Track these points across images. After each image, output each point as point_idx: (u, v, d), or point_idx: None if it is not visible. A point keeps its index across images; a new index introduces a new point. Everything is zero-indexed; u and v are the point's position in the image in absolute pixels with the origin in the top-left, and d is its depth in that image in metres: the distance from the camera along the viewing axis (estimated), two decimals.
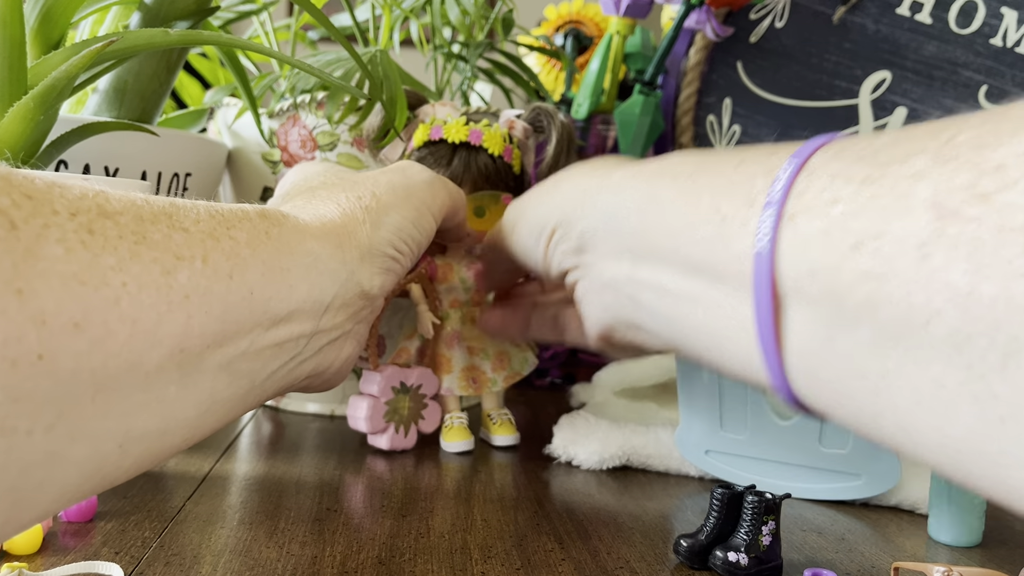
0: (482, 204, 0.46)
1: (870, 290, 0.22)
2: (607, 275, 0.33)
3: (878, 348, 0.22)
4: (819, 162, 0.25)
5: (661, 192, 0.30)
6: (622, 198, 0.32)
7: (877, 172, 0.23)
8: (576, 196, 0.35)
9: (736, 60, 0.66)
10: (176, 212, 0.25)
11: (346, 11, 0.54)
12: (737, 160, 0.28)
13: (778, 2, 0.65)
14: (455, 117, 0.46)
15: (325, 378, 0.34)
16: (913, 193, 0.21)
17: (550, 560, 0.32)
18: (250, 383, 0.28)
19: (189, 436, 0.26)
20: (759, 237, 0.25)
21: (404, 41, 0.58)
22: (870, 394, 0.23)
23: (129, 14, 0.48)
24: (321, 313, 0.31)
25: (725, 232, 0.27)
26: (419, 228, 0.38)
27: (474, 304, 0.48)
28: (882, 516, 0.39)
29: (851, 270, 0.22)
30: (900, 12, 0.62)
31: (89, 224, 0.22)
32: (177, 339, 0.23)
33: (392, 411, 0.45)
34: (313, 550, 0.32)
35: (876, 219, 0.22)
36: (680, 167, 0.31)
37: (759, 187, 0.26)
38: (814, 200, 0.24)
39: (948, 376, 0.21)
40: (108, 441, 0.22)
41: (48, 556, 0.30)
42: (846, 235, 0.23)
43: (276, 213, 0.31)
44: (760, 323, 0.25)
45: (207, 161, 0.52)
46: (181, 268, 0.24)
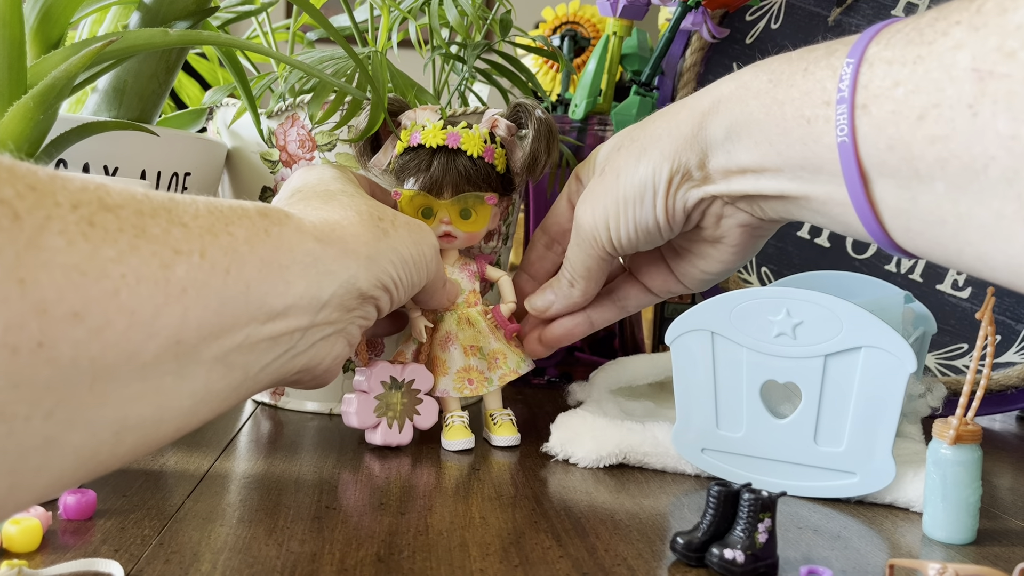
0: (466, 206, 0.46)
1: (938, 150, 0.27)
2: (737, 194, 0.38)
3: (951, 197, 0.27)
4: (874, 52, 0.30)
5: (753, 112, 0.35)
6: (725, 124, 0.36)
7: (925, 50, 0.27)
8: (679, 137, 0.38)
9: (732, 61, 0.67)
10: (176, 207, 0.26)
11: (345, 12, 0.54)
12: (802, 67, 0.33)
13: (774, 3, 0.65)
14: (434, 121, 0.46)
15: (315, 374, 0.34)
16: (956, 62, 0.26)
17: (548, 557, 0.32)
18: (244, 375, 0.28)
19: (183, 425, 0.26)
20: (839, 129, 0.30)
21: (402, 42, 0.58)
22: (951, 235, 0.28)
23: (128, 14, 0.48)
24: (318, 309, 0.32)
25: (813, 132, 0.32)
26: (416, 273, 0.39)
27: (468, 305, 0.48)
28: (877, 514, 0.39)
29: (921, 138, 0.27)
30: (895, 14, 0.62)
31: (90, 216, 0.22)
32: (174, 331, 0.24)
33: (383, 406, 0.45)
34: (312, 547, 0.32)
35: (932, 91, 0.27)
36: (755, 82, 0.35)
37: (830, 88, 0.31)
38: (878, 88, 0.29)
39: (1006, 207, 0.26)
40: (105, 429, 0.23)
41: (48, 554, 0.30)
42: (911, 110, 0.27)
43: (278, 212, 0.31)
44: (855, 200, 0.31)
45: (206, 161, 0.52)
46: (179, 262, 0.24)
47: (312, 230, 0.33)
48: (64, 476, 0.22)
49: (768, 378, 0.40)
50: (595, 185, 0.42)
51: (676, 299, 0.70)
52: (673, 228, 0.40)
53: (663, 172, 0.38)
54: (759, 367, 0.40)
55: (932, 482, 0.36)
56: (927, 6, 0.61)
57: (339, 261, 0.33)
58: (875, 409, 0.38)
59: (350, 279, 0.33)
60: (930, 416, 0.51)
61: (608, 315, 0.48)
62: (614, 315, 0.48)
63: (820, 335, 0.39)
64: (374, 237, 0.36)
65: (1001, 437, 0.58)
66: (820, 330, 0.39)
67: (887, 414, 0.38)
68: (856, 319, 0.38)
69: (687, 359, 0.42)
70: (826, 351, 0.39)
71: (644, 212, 0.40)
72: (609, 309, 0.48)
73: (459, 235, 0.47)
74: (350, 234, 0.35)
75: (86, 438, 0.22)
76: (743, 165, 0.36)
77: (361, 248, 0.35)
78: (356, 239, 0.35)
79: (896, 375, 0.37)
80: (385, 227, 0.37)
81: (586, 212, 0.42)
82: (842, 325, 0.38)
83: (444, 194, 0.46)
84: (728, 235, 0.41)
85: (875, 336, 0.37)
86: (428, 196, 0.46)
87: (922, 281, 0.62)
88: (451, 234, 0.47)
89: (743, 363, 0.41)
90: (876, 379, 0.38)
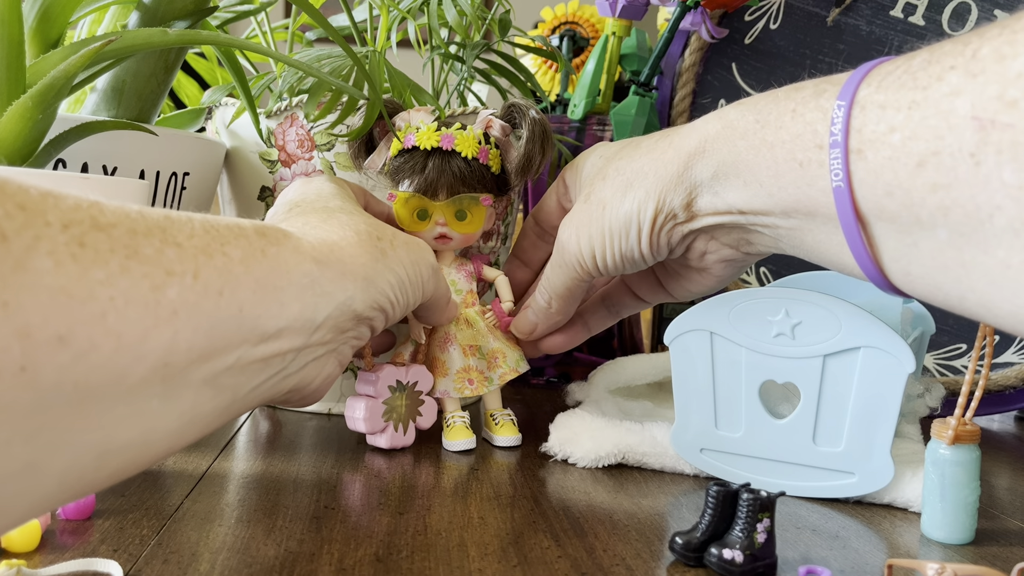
0: (462, 207, 0.46)
1: (940, 198, 0.26)
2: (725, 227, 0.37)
3: (954, 244, 0.27)
4: (866, 95, 0.29)
5: (742, 154, 0.34)
6: (712, 165, 0.36)
7: (920, 95, 0.27)
8: (664, 178, 0.38)
9: (731, 61, 0.67)
10: (171, 226, 0.25)
11: (344, 12, 0.54)
12: (790, 107, 0.32)
13: (772, 4, 0.66)
14: (428, 123, 0.46)
15: (305, 394, 0.34)
16: (954, 110, 0.26)
17: (547, 557, 0.32)
18: (233, 396, 0.28)
19: (169, 447, 0.26)
20: (833, 174, 0.30)
21: (401, 42, 0.58)
22: (954, 281, 0.28)
23: (127, 14, 0.48)
24: (312, 331, 0.31)
25: (806, 176, 0.31)
26: (412, 293, 0.39)
27: (466, 305, 0.48)
28: (876, 514, 0.39)
29: (921, 185, 0.27)
30: (894, 14, 0.63)
31: (81, 237, 0.22)
32: (162, 354, 0.23)
33: (390, 410, 0.45)
34: (311, 547, 0.32)
35: (931, 138, 0.26)
36: (742, 122, 0.35)
37: (821, 131, 0.30)
38: (872, 133, 0.28)
39: (1012, 257, 0.25)
40: (88, 453, 0.22)
41: (46, 554, 0.30)
42: (909, 157, 0.27)
43: (276, 232, 0.31)
44: (852, 243, 0.30)
45: (205, 160, 0.52)
46: (171, 284, 0.24)
47: (310, 251, 0.32)
48: (46, 500, 0.22)
49: (767, 378, 0.40)
50: (580, 211, 0.42)
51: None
52: (657, 258, 0.41)
53: (648, 210, 0.38)
54: (758, 367, 0.40)
55: (930, 482, 0.36)
56: (925, 8, 0.61)
57: (336, 283, 0.33)
58: (874, 409, 0.38)
59: (346, 301, 0.33)
60: (929, 416, 0.51)
61: (604, 321, 0.50)
62: (610, 320, 0.50)
63: (819, 335, 0.39)
64: (372, 258, 0.35)
65: (999, 437, 0.58)
66: (819, 330, 0.39)
67: (886, 414, 0.38)
68: (855, 319, 0.38)
69: (686, 359, 0.42)
70: (825, 351, 0.39)
71: (629, 245, 0.40)
72: (604, 315, 0.49)
73: (455, 236, 0.47)
74: (348, 255, 0.34)
75: (69, 462, 0.22)
76: (732, 205, 0.36)
77: (359, 270, 0.34)
78: (354, 260, 0.34)
79: (895, 375, 0.37)
80: (384, 247, 0.37)
81: (571, 237, 0.42)
82: (841, 325, 0.38)
83: (439, 196, 0.46)
84: (711, 268, 0.41)
85: (874, 336, 0.37)
86: (423, 198, 0.46)
87: None
88: (447, 235, 0.47)
89: (742, 363, 0.41)
90: (875, 379, 0.38)
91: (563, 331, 0.49)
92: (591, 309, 0.49)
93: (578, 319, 0.49)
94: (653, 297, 0.47)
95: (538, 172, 0.47)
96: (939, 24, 0.61)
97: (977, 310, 0.28)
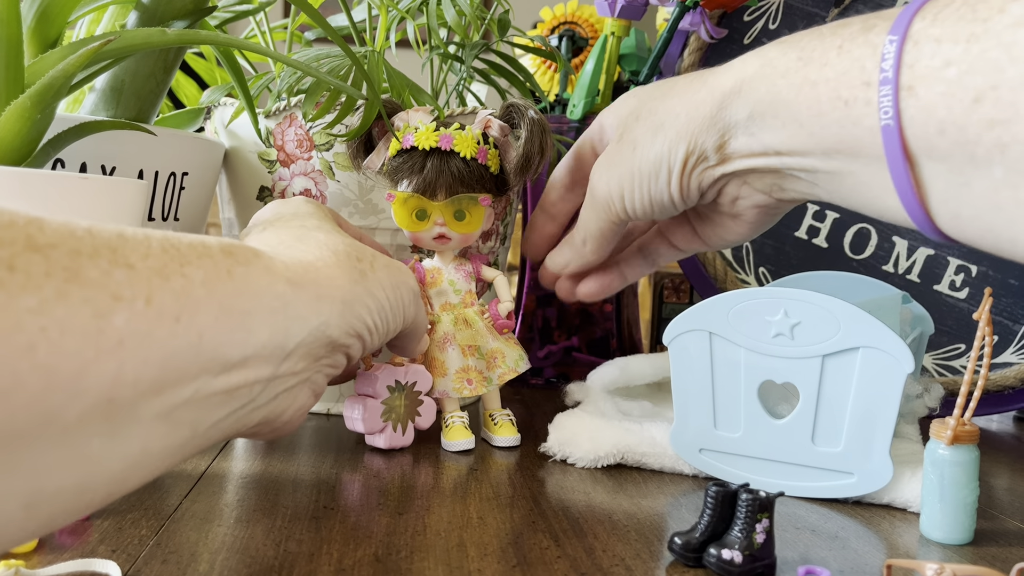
0: (460, 207, 0.46)
1: (997, 135, 0.25)
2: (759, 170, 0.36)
3: (1011, 182, 0.26)
4: (920, 29, 0.28)
5: (781, 92, 0.33)
6: (748, 105, 0.35)
7: (980, 28, 0.26)
8: (696, 119, 0.36)
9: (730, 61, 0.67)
10: (123, 245, 0.23)
11: (343, 12, 0.54)
12: (836, 44, 0.31)
13: (772, 4, 0.66)
14: (427, 123, 0.46)
15: (275, 426, 0.31)
16: (1017, 41, 0.25)
17: (546, 557, 0.32)
18: (191, 432, 0.25)
19: (113, 491, 0.24)
20: (883, 112, 0.28)
21: (400, 42, 0.58)
22: (1007, 222, 0.27)
23: (126, 13, 0.48)
24: (282, 359, 0.29)
25: (851, 115, 0.30)
26: (393, 319, 0.36)
27: (465, 306, 0.48)
28: (875, 514, 0.39)
29: (977, 121, 0.26)
30: None
31: (11, 259, 0.19)
32: (105, 389, 0.21)
33: (388, 410, 0.45)
34: (310, 547, 0.32)
35: (990, 72, 0.25)
36: (783, 60, 0.33)
37: (869, 68, 0.29)
38: (927, 68, 0.27)
39: None
40: (11, 501, 0.20)
41: (45, 554, 0.30)
42: (966, 92, 0.26)
43: (245, 251, 0.29)
44: (899, 185, 0.29)
45: (204, 160, 0.52)
46: (118, 310, 0.22)
47: (283, 271, 0.30)
48: None
49: (766, 378, 0.40)
50: (612, 152, 0.41)
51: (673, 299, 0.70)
52: (687, 203, 0.40)
53: (679, 152, 0.37)
54: (757, 367, 0.40)
55: (929, 482, 0.36)
56: None
57: (311, 306, 0.30)
58: (873, 409, 0.38)
59: (321, 326, 0.31)
60: (928, 416, 0.51)
61: (641, 270, 0.49)
62: (646, 269, 0.49)
63: (818, 335, 0.39)
64: (351, 280, 0.33)
65: (998, 437, 0.58)
66: (818, 330, 0.39)
67: (885, 414, 0.38)
68: (854, 319, 0.38)
69: (685, 359, 0.42)
70: (824, 351, 0.39)
71: (659, 188, 0.39)
72: (641, 264, 0.49)
73: (454, 236, 0.47)
74: (325, 276, 0.32)
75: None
76: (768, 146, 0.35)
77: (336, 292, 0.32)
78: (331, 282, 0.32)
79: (894, 375, 0.37)
80: (363, 269, 0.34)
81: (601, 179, 0.41)
82: (840, 325, 0.38)
83: (438, 196, 0.46)
84: (744, 214, 0.40)
85: (873, 336, 0.37)
86: (422, 198, 0.46)
87: (919, 281, 0.62)
88: (445, 236, 0.47)
89: (741, 363, 0.41)
90: (874, 379, 0.38)
91: (599, 277, 0.48)
92: (627, 258, 0.49)
93: (614, 267, 0.48)
94: (689, 246, 0.46)
95: (537, 172, 0.47)
96: None
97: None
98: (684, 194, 0.39)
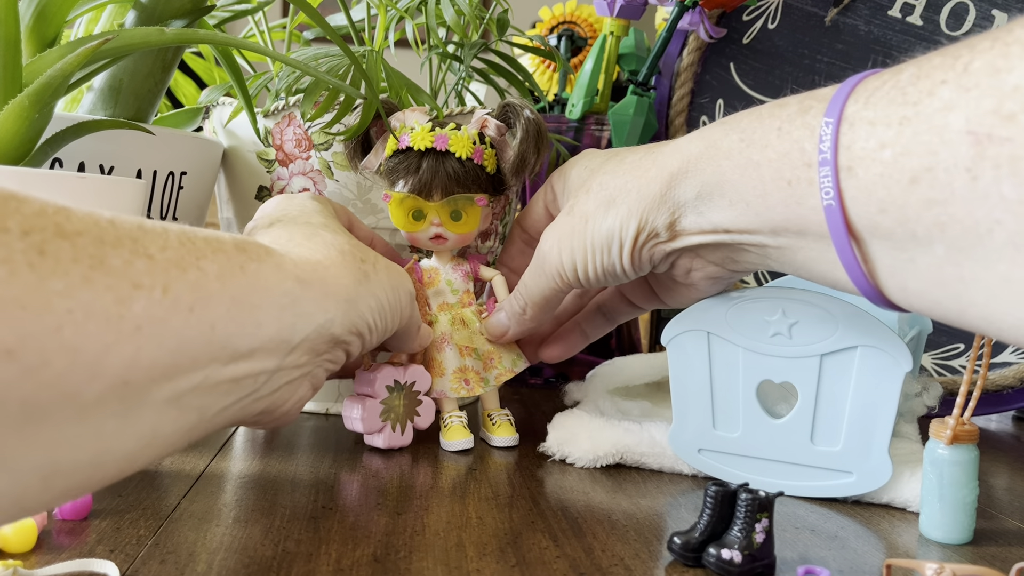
0: (457, 207, 0.46)
1: (936, 214, 0.26)
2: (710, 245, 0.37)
3: (953, 259, 0.27)
4: (854, 112, 0.29)
5: (726, 173, 0.34)
6: (696, 185, 0.35)
7: (911, 111, 0.27)
8: (647, 196, 0.37)
9: (729, 61, 0.67)
10: (143, 236, 0.24)
11: (341, 11, 0.54)
12: (775, 125, 0.32)
13: (771, 3, 0.66)
14: (423, 123, 0.46)
15: (275, 416, 0.33)
16: (948, 125, 0.25)
17: (545, 557, 0.32)
18: (199, 417, 0.27)
19: (124, 468, 0.25)
20: (824, 192, 0.29)
21: (399, 41, 0.58)
22: (953, 296, 0.27)
23: (124, 12, 0.47)
24: (287, 353, 0.30)
25: (795, 194, 0.31)
26: (391, 319, 0.38)
27: (462, 305, 0.48)
28: (874, 514, 0.39)
29: (916, 201, 0.27)
30: (892, 14, 0.63)
31: (42, 244, 0.21)
32: (122, 371, 0.22)
33: (387, 410, 0.45)
34: (308, 548, 0.32)
35: (924, 154, 0.26)
36: (725, 141, 0.34)
37: (809, 149, 0.30)
38: (863, 150, 0.28)
39: (1014, 272, 0.25)
40: (31, 474, 0.21)
41: (43, 554, 0.30)
42: (903, 173, 0.27)
43: (257, 248, 0.30)
44: (845, 261, 0.30)
45: (202, 160, 0.52)
46: (137, 298, 0.23)
47: (293, 269, 0.31)
48: None
49: (764, 378, 0.40)
50: (563, 223, 0.41)
51: None
52: (640, 273, 0.40)
53: (630, 228, 0.38)
54: (755, 367, 0.40)
55: (929, 482, 0.36)
56: (923, 8, 0.61)
57: (317, 304, 0.32)
58: (871, 409, 0.38)
59: (326, 323, 0.32)
60: (926, 416, 0.52)
61: (601, 328, 0.49)
62: (607, 327, 0.50)
63: (816, 335, 0.39)
64: (355, 280, 0.34)
65: (997, 437, 0.58)
66: (816, 330, 0.39)
67: (883, 414, 0.38)
68: (852, 318, 0.38)
69: (683, 359, 0.42)
70: (822, 351, 0.39)
71: (611, 260, 0.39)
72: (601, 323, 0.49)
73: (450, 237, 0.47)
74: (331, 275, 0.33)
75: (8, 484, 0.21)
76: (717, 225, 0.35)
77: (341, 291, 0.33)
78: (337, 281, 0.33)
79: (892, 374, 0.37)
80: (367, 270, 0.36)
81: (553, 248, 0.42)
82: (838, 325, 0.38)
83: (434, 196, 0.46)
84: (698, 284, 0.40)
85: (871, 335, 0.37)
86: (418, 198, 0.46)
87: None
88: (442, 236, 0.47)
89: (739, 363, 0.41)
90: (872, 378, 0.38)
91: (561, 341, 0.49)
92: (587, 317, 0.49)
93: (575, 328, 0.49)
94: (648, 304, 0.47)
95: (533, 172, 0.47)
96: (937, 24, 0.61)
97: (979, 323, 0.27)
98: (636, 266, 0.39)
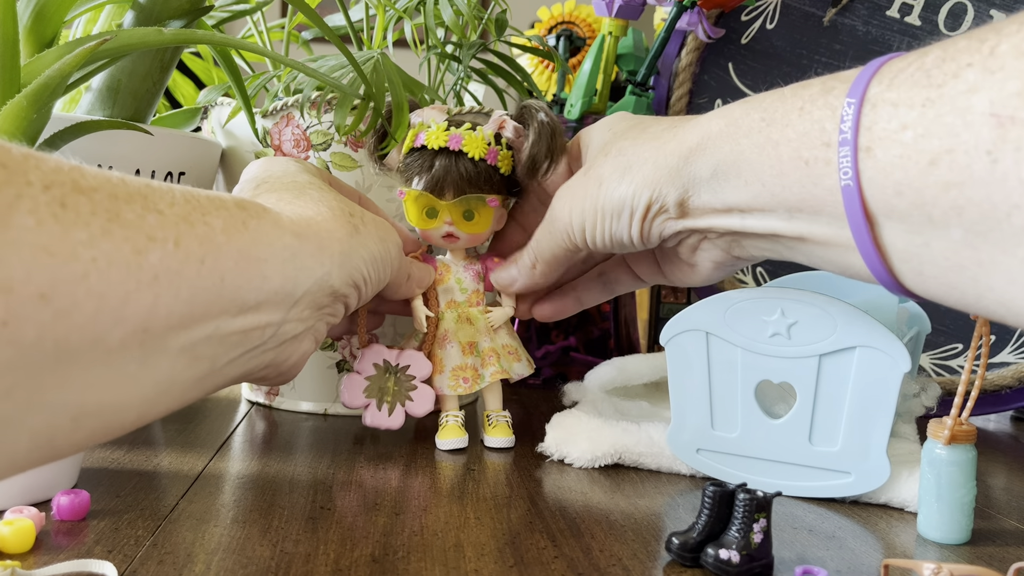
0: (469, 207, 0.46)
1: (953, 197, 0.26)
2: (718, 231, 0.37)
3: (970, 243, 0.26)
4: (877, 93, 0.29)
5: (745, 152, 0.34)
6: (712, 163, 0.35)
7: (935, 93, 0.27)
8: (662, 168, 0.37)
9: (727, 61, 0.67)
10: (152, 193, 0.25)
11: (340, 11, 0.54)
12: (797, 105, 0.32)
13: (769, 3, 0.66)
14: (439, 122, 0.46)
15: (280, 371, 0.34)
16: (971, 107, 0.25)
17: (543, 558, 0.32)
18: (210, 367, 0.28)
19: (144, 413, 0.26)
20: (842, 173, 0.29)
21: (397, 41, 0.58)
22: (970, 281, 0.27)
23: (123, 13, 0.47)
24: (291, 306, 0.32)
25: (812, 174, 0.31)
26: (383, 270, 0.39)
27: (470, 305, 0.48)
28: (872, 514, 0.39)
29: (933, 183, 0.26)
30: (890, 14, 0.63)
31: (63, 198, 0.22)
32: (142, 318, 0.24)
33: (375, 388, 0.46)
34: (307, 548, 0.32)
35: (945, 136, 0.26)
36: (746, 120, 0.34)
37: (829, 129, 0.30)
38: (884, 131, 0.28)
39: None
40: (63, 413, 0.22)
41: (41, 555, 0.30)
42: (921, 155, 0.27)
43: (256, 206, 0.31)
44: (860, 244, 0.30)
45: (201, 160, 0.52)
46: (152, 249, 0.24)
47: (289, 225, 0.32)
48: (16, 459, 0.22)
49: (763, 378, 0.40)
50: (577, 183, 0.42)
51: (671, 299, 0.70)
52: (648, 246, 0.40)
53: (642, 198, 0.38)
54: (754, 367, 0.40)
55: (927, 482, 0.36)
56: (921, 8, 0.61)
57: (315, 257, 0.33)
58: (870, 409, 0.38)
59: (324, 276, 0.33)
60: (925, 416, 0.52)
61: (597, 296, 0.49)
62: (603, 296, 0.49)
63: (815, 335, 0.39)
64: (347, 234, 0.36)
65: (995, 437, 0.58)
66: (815, 330, 0.39)
67: (882, 414, 0.38)
68: (850, 319, 0.38)
69: (682, 359, 0.42)
70: (821, 351, 0.39)
71: (620, 227, 0.39)
72: (599, 290, 0.49)
73: (462, 236, 0.47)
74: (325, 230, 0.34)
75: (43, 421, 0.22)
76: (730, 204, 0.35)
77: (335, 245, 0.35)
78: (330, 235, 0.35)
79: (890, 375, 0.37)
80: (356, 224, 0.37)
81: (564, 207, 0.42)
82: (836, 325, 0.38)
83: (446, 195, 0.46)
84: (701, 265, 0.41)
85: (869, 336, 0.37)
86: (431, 196, 0.46)
87: None
88: (454, 235, 0.47)
89: (738, 363, 0.41)
90: (871, 379, 0.38)
91: (554, 301, 0.49)
92: (585, 283, 0.49)
93: (571, 291, 0.49)
94: (650, 278, 0.46)
95: (546, 174, 0.46)
96: (935, 24, 0.61)
97: (996, 309, 0.27)
98: (644, 238, 0.39)
